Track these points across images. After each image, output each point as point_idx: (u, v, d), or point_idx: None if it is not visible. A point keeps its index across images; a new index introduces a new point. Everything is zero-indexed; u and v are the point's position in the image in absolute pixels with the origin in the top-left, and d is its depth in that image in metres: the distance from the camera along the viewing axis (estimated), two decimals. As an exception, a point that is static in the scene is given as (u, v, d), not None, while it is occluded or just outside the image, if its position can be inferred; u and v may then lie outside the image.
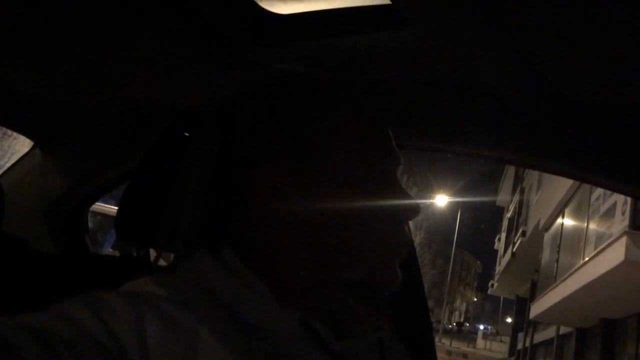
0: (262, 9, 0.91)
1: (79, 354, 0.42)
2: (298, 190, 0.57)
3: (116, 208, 0.86)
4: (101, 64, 1.10)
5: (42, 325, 0.44)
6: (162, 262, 0.67)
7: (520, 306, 25.37)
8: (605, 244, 9.48)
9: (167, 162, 0.70)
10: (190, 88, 1.13)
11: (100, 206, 5.71)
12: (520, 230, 19.73)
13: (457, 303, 54.46)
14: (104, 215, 6.39)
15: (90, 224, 1.77)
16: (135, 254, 0.93)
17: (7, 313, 0.89)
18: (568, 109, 0.84)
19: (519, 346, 25.00)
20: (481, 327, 52.33)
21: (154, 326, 0.48)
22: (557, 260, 14.33)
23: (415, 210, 0.61)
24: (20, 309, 0.86)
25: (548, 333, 17.96)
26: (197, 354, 0.48)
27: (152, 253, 0.94)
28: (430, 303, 44.36)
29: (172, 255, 0.64)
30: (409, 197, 0.61)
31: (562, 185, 13.09)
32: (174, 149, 0.69)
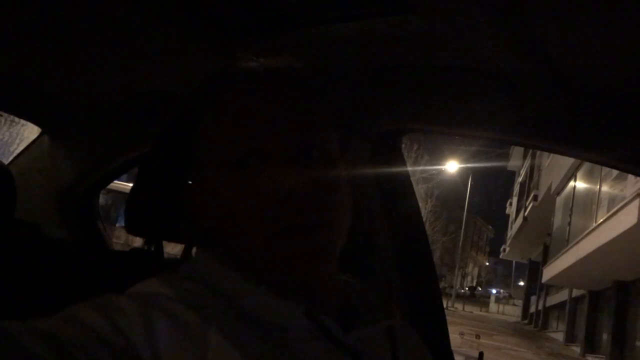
0: None
1: (93, 356, 0.43)
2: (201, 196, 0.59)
3: (129, 185, 0.86)
4: (108, 52, 1.09)
5: (55, 330, 0.44)
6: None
7: (533, 270, 25.45)
8: (618, 206, 9.44)
9: (176, 153, 0.70)
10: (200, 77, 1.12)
11: (113, 183, 5.73)
12: (532, 195, 19.65)
13: (470, 268, 54.72)
14: (117, 192, 6.45)
15: (103, 201, 1.78)
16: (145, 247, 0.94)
17: (22, 298, 0.91)
18: (578, 92, 0.83)
19: (532, 309, 25.21)
20: (494, 291, 52.62)
21: (163, 328, 0.48)
22: (570, 224, 14.30)
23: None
24: (35, 295, 0.88)
25: (561, 296, 18.06)
26: (206, 354, 0.48)
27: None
28: (443, 269, 44.44)
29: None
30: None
31: (574, 148, 12.93)
32: (184, 137, 0.67)
